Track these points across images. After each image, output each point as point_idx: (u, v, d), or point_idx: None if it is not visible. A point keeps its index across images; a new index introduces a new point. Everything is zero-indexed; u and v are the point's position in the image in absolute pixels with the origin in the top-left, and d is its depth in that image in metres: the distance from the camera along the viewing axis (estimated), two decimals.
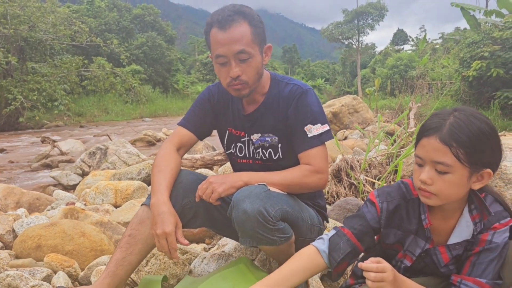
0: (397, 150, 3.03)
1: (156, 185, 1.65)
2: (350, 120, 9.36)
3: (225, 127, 1.88)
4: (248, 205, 1.47)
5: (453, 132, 1.17)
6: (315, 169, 1.65)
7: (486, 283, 1.21)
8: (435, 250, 1.34)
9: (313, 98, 1.70)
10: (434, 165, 1.20)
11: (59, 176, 5.58)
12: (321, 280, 2.00)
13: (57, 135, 12.91)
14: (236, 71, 1.60)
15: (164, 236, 1.52)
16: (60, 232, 2.24)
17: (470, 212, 1.30)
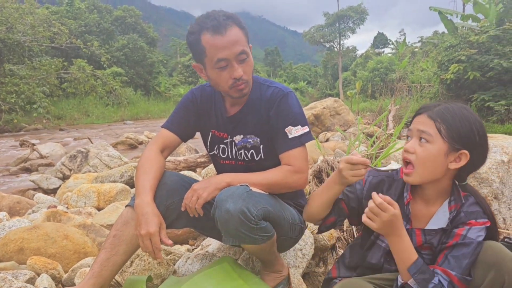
0: (377, 151, 3.11)
1: (140, 186, 1.68)
2: (332, 122, 9.47)
3: (208, 129, 1.92)
4: (231, 205, 1.51)
5: (440, 111, 1.33)
6: (295, 170, 1.69)
7: (455, 275, 1.27)
8: (412, 231, 1.42)
9: (293, 100, 1.75)
10: (419, 134, 1.35)
11: (39, 180, 5.49)
12: (303, 278, 2.06)
13: (36, 139, 12.69)
14: (240, 71, 1.65)
15: (148, 237, 1.54)
16: (43, 235, 2.23)
17: (449, 203, 1.39)
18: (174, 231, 2.68)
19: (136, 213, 1.61)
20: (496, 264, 1.24)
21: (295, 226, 1.82)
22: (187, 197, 1.62)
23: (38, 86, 17.69)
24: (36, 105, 17.09)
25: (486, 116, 12.20)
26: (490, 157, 2.45)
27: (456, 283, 1.27)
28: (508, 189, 2.43)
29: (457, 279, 1.27)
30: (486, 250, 1.29)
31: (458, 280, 1.27)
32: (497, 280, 1.23)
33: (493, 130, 10.16)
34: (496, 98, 11.97)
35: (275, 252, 1.80)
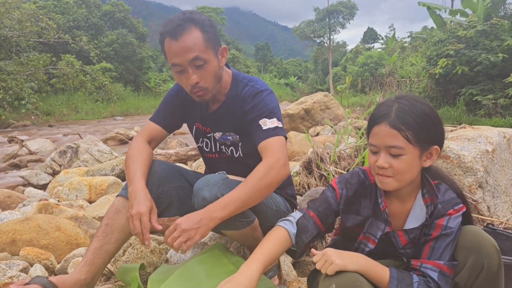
0: (365, 143, 3.16)
1: (132, 174, 1.71)
2: (322, 116, 9.51)
3: (193, 122, 1.98)
4: (207, 192, 1.58)
5: (399, 116, 1.29)
6: (271, 162, 1.60)
7: (444, 264, 1.31)
8: (394, 234, 1.44)
9: (270, 96, 1.77)
10: (388, 150, 1.31)
11: (28, 176, 5.46)
12: (293, 266, 2.10)
13: (25, 135, 12.57)
14: (193, 78, 1.65)
15: (138, 216, 1.56)
16: (35, 227, 2.25)
17: (423, 196, 1.42)
18: (166, 223, 2.70)
19: (129, 198, 1.64)
20: (476, 248, 1.29)
21: (280, 213, 1.85)
22: (173, 236, 1.49)
23: (26, 82, 17.47)
24: (25, 101, 16.89)
25: (474, 110, 12.37)
26: (475, 147, 2.51)
27: (446, 271, 1.31)
28: (492, 178, 2.49)
29: (446, 267, 1.31)
30: (466, 235, 1.33)
31: (447, 268, 1.31)
32: (477, 263, 1.28)
33: (481, 124, 10.29)
34: (484, 92, 12.13)
35: (260, 238, 1.83)
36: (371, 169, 1.39)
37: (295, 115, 9.49)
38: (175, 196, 1.86)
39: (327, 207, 1.49)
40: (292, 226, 1.47)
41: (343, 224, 1.53)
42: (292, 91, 46.69)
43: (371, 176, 1.48)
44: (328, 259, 1.29)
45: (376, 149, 1.33)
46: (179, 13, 1.67)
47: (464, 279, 1.30)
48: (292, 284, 1.86)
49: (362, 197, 1.48)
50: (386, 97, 12.81)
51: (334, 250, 1.33)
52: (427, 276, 1.32)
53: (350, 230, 1.51)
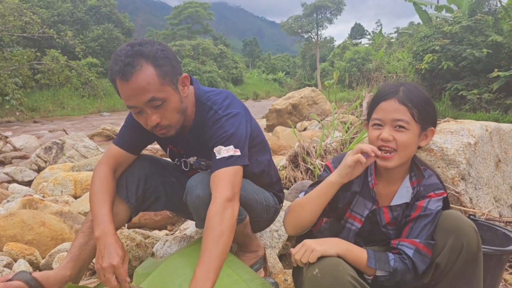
0: (351, 137, 3.19)
1: (99, 215, 1.57)
2: (309, 111, 9.56)
3: (165, 144, 1.87)
4: (201, 190, 1.56)
5: (407, 95, 1.38)
6: (219, 205, 1.44)
7: (420, 242, 1.38)
8: (379, 210, 1.51)
9: (231, 120, 1.60)
10: (393, 123, 1.38)
11: (13, 172, 5.38)
12: (279, 259, 2.11)
13: (9, 131, 12.38)
14: (153, 119, 1.50)
15: (112, 270, 1.44)
16: (19, 222, 2.23)
17: (411, 179, 1.49)
18: (153, 217, 2.70)
19: (98, 246, 1.51)
20: (455, 229, 1.35)
21: (269, 208, 1.87)
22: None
23: (10, 77, 17.20)
24: (9, 96, 16.64)
25: (459, 105, 12.52)
26: (458, 139, 2.55)
27: (422, 249, 1.37)
28: (474, 170, 2.53)
29: (422, 245, 1.37)
30: (446, 217, 1.40)
31: (424, 246, 1.37)
32: (457, 244, 1.34)
33: (465, 118, 10.43)
34: (468, 87, 12.29)
35: (249, 233, 1.85)
36: (373, 144, 1.43)
37: (282, 110, 9.52)
38: (162, 191, 1.86)
39: None
40: None
41: (334, 206, 1.56)
42: (280, 86, 46.76)
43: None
44: (308, 248, 1.34)
45: (381, 122, 1.40)
46: (127, 45, 1.47)
47: (444, 260, 1.35)
48: (278, 276, 1.87)
49: None
50: (373, 91, 12.90)
51: (312, 240, 1.39)
52: (403, 253, 1.38)
53: (339, 209, 1.55)
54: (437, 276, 1.40)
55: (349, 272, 1.31)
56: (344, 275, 1.30)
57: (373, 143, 1.43)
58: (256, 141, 1.82)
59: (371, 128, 1.44)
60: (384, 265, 1.36)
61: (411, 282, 1.40)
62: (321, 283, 1.31)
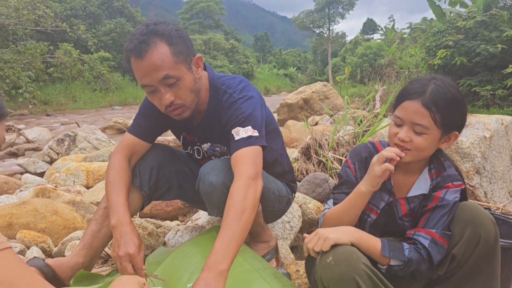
0: (363, 130, 3.16)
1: (115, 204, 1.58)
2: (321, 106, 9.50)
3: (179, 131, 1.86)
4: (214, 177, 1.54)
5: (433, 97, 1.31)
6: (243, 183, 1.42)
7: (436, 233, 1.36)
8: (396, 202, 1.49)
9: (248, 102, 1.60)
10: (412, 126, 1.34)
11: (26, 164, 5.44)
12: (291, 249, 2.10)
13: (22, 124, 12.51)
14: (167, 97, 1.49)
15: (128, 258, 1.45)
16: (32, 210, 2.24)
17: (430, 171, 1.47)
18: (164, 208, 2.70)
19: (114, 234, 1.52)
20: (473, 220, 1.33)
21: (282, 198, 1.86)
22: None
23: (23, 71, 17.35)
24: (22, 90, 16.80)
25: (472, 101, 12.34)
26: (473, 133, 2.51)
27: (438, 239, 1.35)
28: (489, 164, 2.49)
29: (438, 235, 1.35)
30: (464, 208, 1.38)
31: (440, 236, 1.35)
32: (474, 235, 1.32)
33: None
34: (482, 83, 12.10)
35: (261, 223, 1.84)
36: (390, 139, 1.42)
37: (293, 105, 9.48)
38: (175, 181, 1.85)
39: (351, 186, 1.51)
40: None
41: None
42: (291, 81, 46.57)
43: (379, 148, 1.53)
44: (321, 237, 1.34)
45: (401, 122, 1.37)
46: (143, 25, 1.49)
47: (461, 251, 1.34)
48: (290, 266, 1.86)
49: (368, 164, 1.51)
50: (386, 87, 12.78)
51: (325, 228, 1.39)
52: (418, 243, 1.36)
53: None
54: (453, 268, 1.38)
55: (363, 260, 1.30)
56: (358, 263, 1.29)
57: (391, 138, 1.42)
58: (269, 128, 1.81)
59: (392, 123, 1.42)
60: (398, 254, 1.34)
61: (426, 273, 1.38)
62: (335, 271, 1.30)
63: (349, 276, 1.27)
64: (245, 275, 1.46)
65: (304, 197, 2.33)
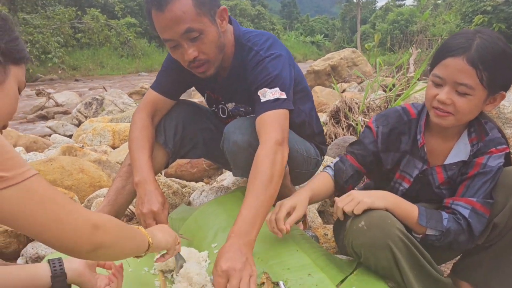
0: (396, 94, 3.02)
1: (138, 162, 1.54)
2: (349, 73, 9.25)
3: (203, 89, 1.79)
4: (239, 136, 1.47)
5: (480, 53, 1.15)
6: (269, 148, 1.34)
7: (477, 201, 1.25)
8: (431, 170, 1.37)
9: (275, 62, 1.50)
10: (455, 86, 1.19)
11: (55, 126, 5.55)
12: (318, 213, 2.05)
13: (51, 88, 12.74)
14: (190, 52, 1.41)
15: (152, 216, 1.43)
16: (59, 168, 2.25)
17: (469, 135, 1.33)
18: (189, 170, 2.68)
19: (138, 192, 1.50)
20: None
21: (310, 159, 1.78)
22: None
23: (52, 36, 17.57)
24: (51, 54, 17.06)
25: None
26: None
27: (479, 209, 1.24)
28: None
29: (479, 204, 1.25)
30: (508, 174, 1.26)
31: (481, 205, 1.24)
32: None
33: None
34: None
35: (288, 185, 1.78)
36: (428, 102, 1.28)
37: (321, 72, 9.26)
38: (200, 138, 1.80)
39: (363, 148, 1.46)
40: (332, 170, 1.48)
41: (381, 166, 1.45)
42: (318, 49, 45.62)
43: (411, 111, 1.41)
44: (354, 199, 1.26)
45: (442, 82, 1.22)
46: None
47: (504, 220, 1.23)
48: (318, 230, 1.81)
49: (401, 134, 1.41)
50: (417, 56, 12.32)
51: (360, 191, 1.31)
52: (458, 213, 1.26)
53: (387, 170, 1.44)
54: (494, 237, 1.28)
55: (397, 226, 1.22)
56: (393, 229, 1.22)
57: (428, 101, 1.27)
58: (298, 87, 1.71)
59: (430, 84, 1.27)
60: (436, 224, 1.25)
61: (465, 244, 1.28)
62: (367, 236, 1.24)
63: (382, 242, 1.21)
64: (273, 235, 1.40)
65: (333, 160, 2.24)
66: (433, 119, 1.28)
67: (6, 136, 3.46)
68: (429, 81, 1.28)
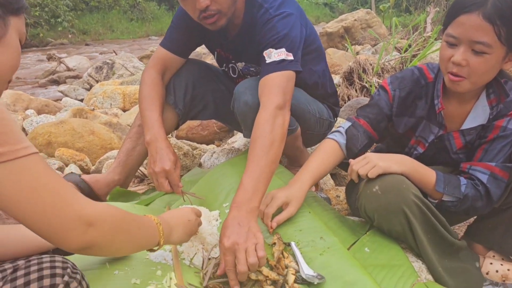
0: (412, 55, 2.92)
1: (149, 120, 1.51)
2: (363, 35, 9.01)
3: (213, 46, 1.73)
4: (250, 97, 1.43)
5: (497, 8, 1.07)
6: (269, 114, 1.29)
7: (495, 166, 1.20)
8: (448, 136, 1.31)
9: (284, 21, 1.44)
10: (471, 45, 1.11)
11: (67, 91, 5.56)
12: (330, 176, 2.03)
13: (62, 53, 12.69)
14: (202, 1, 1.35)
15: (164, 174, 1.41)
16: (69, 130, 2.24)
17: (488, 96, 1.25)
18: (200, 132, 2.66)
19: (150, 151, 1.47)
20: None
21: (323, 120, 1.74)
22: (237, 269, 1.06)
23: None
24: (61, 18, 16.90)
25: None
26: None
27: (497, 173, 1.20)
28: None
29: (498, 169, 1.20)
30: None
31: (500, 170, 1.20)
32: None
33: None
34: None
35: (300, 147, 1.75)
36: (442, 65, 1.21)
37: (334, 34, 9.02)
38: (210, 98, 1.76)
39: (378, 112, 1.38)
40: (342, 137, 1.40)
41: (394, 130, 1.40)
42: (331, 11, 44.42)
43: (428, 74, 1.33)
44: (370, 162, 1.22)
45: (456, 41, 1.13)
46: None
47: None
48: (330, 192, 1.79)
49: (417, 98, 1.34)
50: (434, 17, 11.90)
51: (376, 154, 1.26)
52: (476, 179, 1.21)
53: (401, 135, 1.39)
54: (510, 200, 1.25)
55: (412, 191, 1.19)
56: (407, 194, 1.18)
57: (443, 64, 1.19)
58: (311, 47, 1.65)
59: (444, 44, 1.18)
60: (453, 190, 1.21)
61: (482, 210, 1.25)
62: (381, 201, 1.21)
63: (396, 207, 1.18)
64: None
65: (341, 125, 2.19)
66: (447, 84, 1.22)
67: (18, 99, 3.46)
68: (443, 42, 1.19)
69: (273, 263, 1.12)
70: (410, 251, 1.28)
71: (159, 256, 1.13)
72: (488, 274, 1.36)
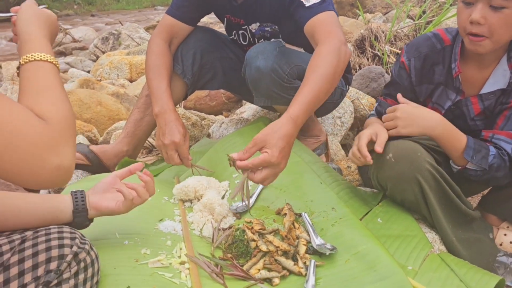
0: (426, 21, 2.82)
1: (157, 91, 1.47)
2: (374, 3, 8.77)
3: (222, 13, 1.66)
4: (262, 62, 1.38)
5: None
6: (335, 44, 1.22)
7: None
8: (466, 101, 1.27)
9: None
10: (488, 1, 1.06)
11: (74, 62, 5.52)
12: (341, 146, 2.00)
13: (68, 24, 12.56)
14: None
15: (173, 147, 1.39)
16: (76, 101, 2.22)
17: (509, 59, 1.21)
18: (208, 103, 2.62)
19: (158, 122, 1.44)
20: None
21: (336, 89, 1.69)
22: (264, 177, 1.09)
23: None
24: None
25: None
26: None
27: None
28: None
29: None
30: None
31: None
32: None
33: None
34: None
35: (311, 116, 1.71)
36: (461, 27, 1.16)
37: (344, 2, 8.77)
38: (219, 67, 1.72)
39: (399, 87, 1.36)
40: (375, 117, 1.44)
41: (416, 99, 1.36)
42: None
43: (445, 37, 1.29)
44: (394, 121, 1.19)
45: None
46: None
47: None
48: (341, 163, 1.77)
49: (434, 64, 1.30)
50: None
51: (407, 110, 1.20)
52: (500, 148, 1.17)
53: (420, 103, 1.35)
54: None
55: (427, 159, 1.16)
56: (422, 162, 1.15)
57: (462, 27, 1.14)
58: None
59: (460, 6, 1.13)
60: (481, 161, 1.17)
61: (502, 179, 1.22)
62: (395, 169, 1.18)
63: (410, 175, 1.15)
64: (295, 167, 1.37)
65: (357, 92, 2.14)
66: (468, 46, 1.17)
67: None
68: (459, 3, 1.14)
69: (284, 233, 1.11)
70: (423, 222, 1.26)
71: (169, 227, 1.12)
72: (502, 245, 1.34)
